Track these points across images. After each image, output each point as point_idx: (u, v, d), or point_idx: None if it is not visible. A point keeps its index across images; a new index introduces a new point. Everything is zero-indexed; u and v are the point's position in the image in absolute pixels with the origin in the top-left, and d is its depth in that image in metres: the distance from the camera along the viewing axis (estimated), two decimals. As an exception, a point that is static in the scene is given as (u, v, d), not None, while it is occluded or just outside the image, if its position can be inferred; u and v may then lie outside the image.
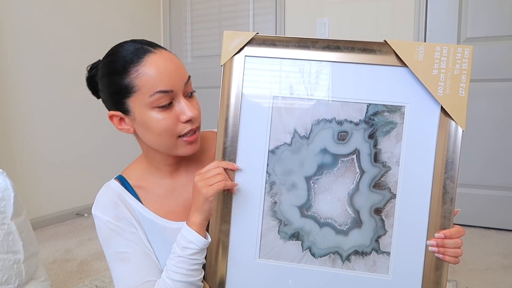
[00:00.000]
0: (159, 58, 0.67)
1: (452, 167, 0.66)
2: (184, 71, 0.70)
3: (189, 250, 0.66)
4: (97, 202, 0.74)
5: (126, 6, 2.79)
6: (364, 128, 0.67)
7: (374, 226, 0.68)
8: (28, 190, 2.21)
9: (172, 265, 0.67)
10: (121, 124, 0.73)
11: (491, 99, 2.12)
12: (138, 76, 0.66)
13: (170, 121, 0.68)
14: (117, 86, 0.68)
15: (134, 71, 0.66)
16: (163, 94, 0.66)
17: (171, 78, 0.67)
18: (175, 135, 0.70)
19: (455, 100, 0.65)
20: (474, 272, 1.65)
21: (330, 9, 2.48)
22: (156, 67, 0.66)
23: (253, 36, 0.68)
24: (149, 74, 0.66)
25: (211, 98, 2.95)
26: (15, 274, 1.05)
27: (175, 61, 0.70)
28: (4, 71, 2.09)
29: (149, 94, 0.66)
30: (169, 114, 0.68)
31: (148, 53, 0.67)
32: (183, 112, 0.69)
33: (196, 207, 0.67)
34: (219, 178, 0.65)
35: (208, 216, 0.68)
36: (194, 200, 0.67)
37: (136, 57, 0.67)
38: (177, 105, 0.69)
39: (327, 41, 0.68)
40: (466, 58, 0.65)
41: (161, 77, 0.66)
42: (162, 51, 0.69)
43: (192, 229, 0.66)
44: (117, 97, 0.69)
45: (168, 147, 0.71)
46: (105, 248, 0.73)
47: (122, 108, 0.70)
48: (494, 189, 2.15)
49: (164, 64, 0.67)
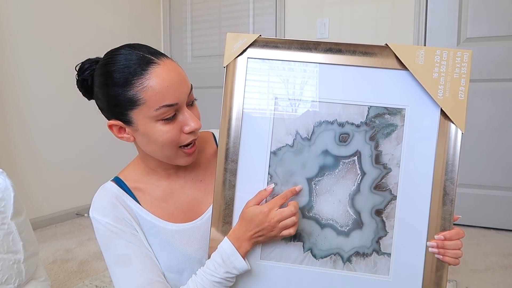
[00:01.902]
0: (164, 71, 0.66)
1: (452, 169, 0.66)
2: (187, 81, 0.70)
3: (231, 275, 0.66)
4: (95, 204, 0.73)
5: (126, 6, 2.79)
6: (365, 130, 0.68)
7: (375, 227, 0.68)
8: (28, 190, 2.21)
9: (207, 281, 0.66)
10: (120, 133, 0.71)
11: (490, 99, 2.13)
12: (143, 90, 0.65)
13: (174, 133, 0.68)
14: (118, 98, 0.66)
15: (138, 84, 0.65)
16: (168, 108, 0.66)
17: (177, 91, 0.66)
18: (177, 145, 0.70)
19: (455, 103, 0.66)
20: (474, 272, 1.65)
21: (330, 9, 2.48)
22: (162, 81, 0.65)
23: (255, 38, 0.68)
24: (155, 88, 0.64)
25: (211, 98, 2.95)
26: (15, 274, 1.05)
27: (179, 71, 0.68)
28: (4, 71, 2.09)
29: (154, 108, 0.65)
30: (173, 126, 0.68)
31: (152, 65, 0.65)
32: (187, 123, 0.68)
33: (256, 238, 0.66)
34: (294, 222, 0.65)
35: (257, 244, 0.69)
36: (255, 229, 0.66)
37: (140, 68, 0.65)
38: (181, 116, 0.69)
39: (329, 44, 0.68)
40: (466, 62, 0.66)
41: (167, 91, 0.65)
42: (165, 61, 0.67)
43: (241, 256, 0.66)
44: (119, 109, 0.67)
45: (167, 157, 0.72)
46: (104, 252, 0.72)
47: (124, 119, 0.68)
48: (494, 189, 2.16)
49: (169, 77, 0.66)
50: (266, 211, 0.65)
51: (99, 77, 0.69)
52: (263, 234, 0.66)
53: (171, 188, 0.78)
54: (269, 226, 0.65)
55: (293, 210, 0.65)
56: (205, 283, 0.66)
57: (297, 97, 0.69)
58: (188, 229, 0.75)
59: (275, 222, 0.65)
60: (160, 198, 0.77)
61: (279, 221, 0.65)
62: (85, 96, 0.74)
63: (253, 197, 0.68)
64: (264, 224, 0.65)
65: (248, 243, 0.67)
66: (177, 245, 0.74)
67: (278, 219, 0.65)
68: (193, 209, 0.78)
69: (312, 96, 0.68)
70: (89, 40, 2.49)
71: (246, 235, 0.66)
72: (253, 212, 0.66)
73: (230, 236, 0.67)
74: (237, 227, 0.68)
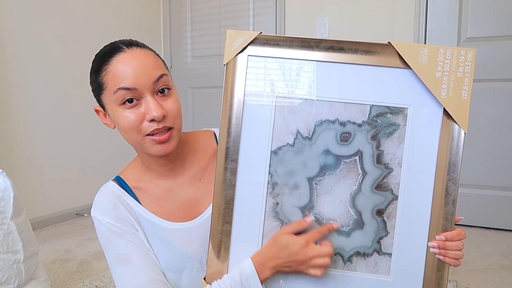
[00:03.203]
0: (126, 57, 0.68)
1: (454, 169, 0.66)
2: (154, 69, 0.69)
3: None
4: (96, 204, 0.74)
5: (126, 6, 2.79)
6: (367, 129, 0.67)
7: (376, 227, 0.68)
8: (28, 190, 2.20)
9: None
10: (105, 119, 0.76)
11: (491, 99, 2.12)
12: (106, 75, 0.69)
13: (134, 118, 0.68)
14: (94, 84, 0.72)
15: (104, 70, 0.69)
16: (125, 91, 0.67)
17: (135, 76, 0.67)
18: (141, 133, 0.69)
19: (458, 103, 0.65)
20: (474, 272, 1.65)
21: (330, 9, 2.47)
22: (121, 66, 0.68)
23: (256, 35, 0.67)
24: (114, 72, 0.68)
25: (211, 98, 2.95)
26: (15, 274, 1.05)
27: (144, 58, 0.69)
28: (5, 73, 2.09)
29: (113, 91, 0.68)
30: (135, 112, 0.68)
31: (119, 52, 0.69)
32: (148, 111, 0.68)
33: (281, 267, 0.64)
34: (327, 264, 0.64)
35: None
36: (286, 259, 0.64)
37: (108, 56, 0.69)
38: (144, 103, 0.69)
39: (330, 42, 0.67)
40: (469, 61, 0.65)
41: (124, 75, 0.67)
42: (134, 49, 0.70)
43: (261, 281, 0.64)
44: (95, 93, 0.73)
45: (136, 144, 0.72)
46: (105, 251, 0.73)
47: (101, 104, 0.73)
48: (494, 189, 2.16)
49: (129, 62, 0.68)
50: (303, 243, 0.63)
51: None
52: (291, 266, 0.64)
53: (170, 187, 0.78)
54: (302, 260, 0.63)
55: (331, 250, 0.64)
56: None
57: (298, 96, 0.68)
58: (188, 228, 0.75)
59: (309, 258, 0.63)
60: (159, 197, 0.77)
61: (314, 258, 0.63)
62: None
63: (290, 224, 0.66)
64: (298, 256, 0.63)
65: (271, 271, 0.65)
66: (176, 244, 0.74)
67: (314, 255, 0.63)
68: (192, 208, 0.78)
69: (313, 94, 0.68)
70: (89, 40, 2.49)
71: (272, 263, 0.65)
72: (289, 241, 0.64)
73: (255, 259, 0.65)
74: (265, 250, 0.66)
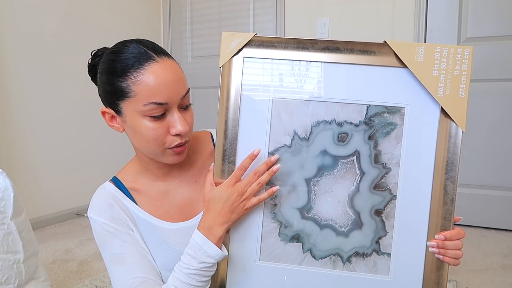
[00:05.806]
0: (160, 68, 0.66)
1: (452, 168, 0.66)
2: (183, 84, 0.69)
3: (207, 264, 0.65)
4: (92, 204, 0.75)
5: (126, 6, 2.79)
6: (364, 129, 0.67)
7: (374, 227, 0.68)
8: (28, 190, 2.21)
9: (183, 275, 0.65)
10: (112, 122, 0.73)
11: (491, 99, 2.12)
12: (136, 83, 0.65)
13: (160, 131, 0.67)
14: (113, 87, 0.67)
15: (132, 76, 0.66)
16: (157, 105, 0.66)
17: (169, 91, 0.66)
18: (164, 146, 0.69)
19: (455, 101, 0.65)
20: (474, 272, 1.65)
21: (330, 9, 2.47)
22: (155, 77, 0.65)
23: (251, 37, 0.67)
24: (147, 83, 0.65)
25: (211, 98, 2.95)
26: (15, 274, 1.05)
27: (176, 72, 0.68)
28: (4, 72, 2.09)
29: (143, 103, 0.66)
30: (160, 125, 0.67)
31: (150, 61, 0.66)
32: (174, 125, 0.68)
33: (227, 217, 0.65)
34: (261, 185, 0.65)
35: (230, 227, 0.67)
36: (225, 206, 0.65)
37: (138, 62, 0.66)
38: (170, 117, 0.68)
39: (326, 42, 0.67)
40: (466, 59, 0.65)
41: (158, 89, 0.65)
42: (165, 59, 0.67)
43: (213, 242, 0.65)
44: (112, 97, 0.69)
45: (154, 154, 0.71)
46: (102, 251, 0.73)
47: (115, 108, 0.70)
48: (494, 189, 2.15)
49: (164, 76, 0.66)
50: (228, 184, 0.65)
51: (102, 64, 0.71)
52: (234, 209, 0.65)
53: (166, 187, 0.78)
54: (237, 198, 0.64)
55: (255, 174, 0.65)
56: (181, 277, 0.65)
57: (294, 97, 0.68)
58: (184, 228, 0.76)
59: (241, 191, 0.64)
60: (155, 198, 0.77)
61: (245, 189, 0.64)
62: (93, 81, 0.76)
63: (210, 178, 0.68)
64: (232, 196, 0.65)
65: (219, 228, 0.65)
66: (173, 244, 0.75)
67: (244, 186, 0.64)
68: (188, 209, 0.78)
69: (310, 95, 0.68)
70: (89, 40, 2.49)
71: (218, 220, 0.65)
72: (215, 191, 0.66)
73: (199, 226, 0.66)
74: (204, 215, 0.67)
